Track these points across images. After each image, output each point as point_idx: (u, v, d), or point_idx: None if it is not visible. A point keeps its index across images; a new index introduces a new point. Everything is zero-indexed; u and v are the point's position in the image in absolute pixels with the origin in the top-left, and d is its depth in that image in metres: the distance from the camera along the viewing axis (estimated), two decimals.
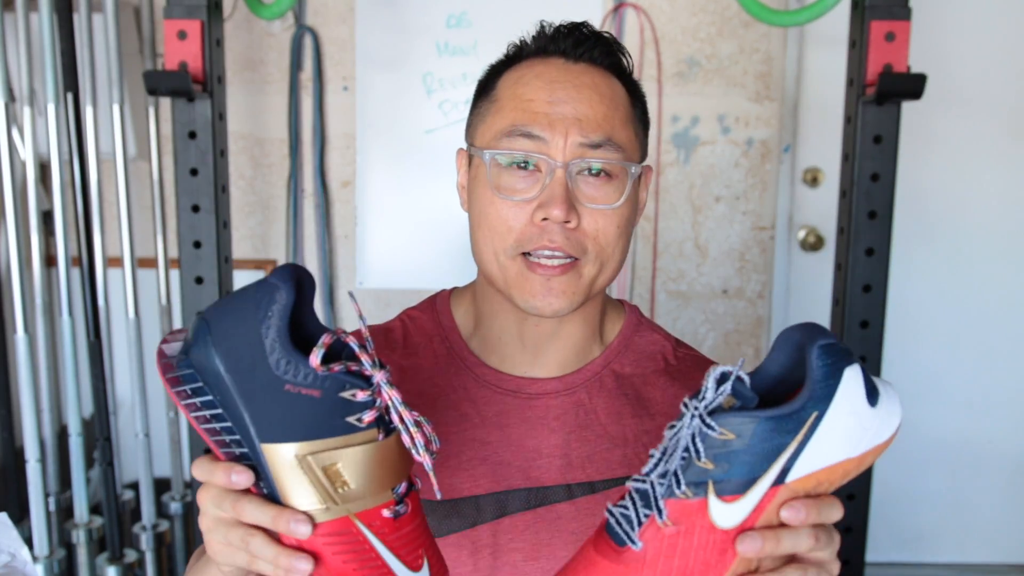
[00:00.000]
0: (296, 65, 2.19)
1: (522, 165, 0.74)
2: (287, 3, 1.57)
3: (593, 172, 0.74)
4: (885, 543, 2.34)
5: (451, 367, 0.84)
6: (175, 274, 1.89)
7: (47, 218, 1.96)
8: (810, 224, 2.25)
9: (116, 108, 1.84)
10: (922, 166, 2.17)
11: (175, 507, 1.98)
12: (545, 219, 0.72)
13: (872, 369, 1.51)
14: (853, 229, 1.49)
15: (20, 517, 1.93)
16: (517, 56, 0.80)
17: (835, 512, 0.56)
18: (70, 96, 1.63)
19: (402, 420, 0.58)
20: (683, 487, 0.55)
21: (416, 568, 0.59)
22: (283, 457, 0.55)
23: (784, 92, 2.19)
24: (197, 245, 1.54)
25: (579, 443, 0.80)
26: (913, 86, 1.41)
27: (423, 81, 2.16)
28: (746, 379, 0.57)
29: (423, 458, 0.59)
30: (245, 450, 0.56)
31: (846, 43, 1.54)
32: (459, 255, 2.16)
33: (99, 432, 1.73)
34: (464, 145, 0.84)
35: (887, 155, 1.47)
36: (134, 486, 1.98)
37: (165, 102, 1.96)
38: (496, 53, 0.84)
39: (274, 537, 0.57)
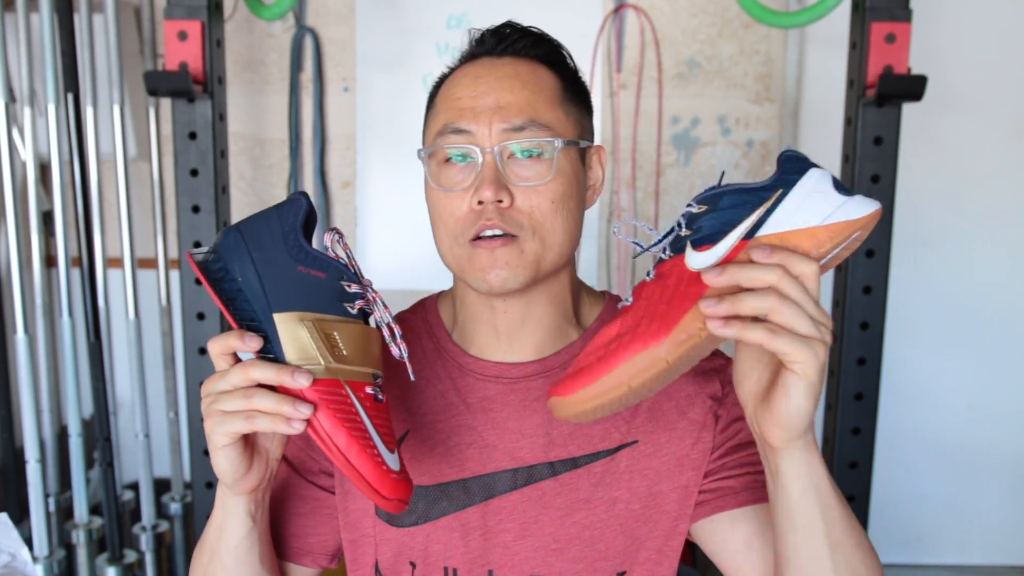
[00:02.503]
0: (296, 66, 2.19)
1: (459, 159, 0.78)
2: (287, 4, 1.57)
3: (522, 155, 0.77)
4: (885, 544, 2.34)
5: (438, 360, 0.87)
6: (175, 275, 1.90)
7: (47, 218, 1.96)
8: None
9: (116, 108, 1.84)
10: (922, 168, 2.17)
11: (175, 508, 1.98)
12: (480, 202, 0.76)
13: (872, 370, 1.51)
14: None
15: (20, 517, 1.93)
16: (454, 68, 0.86)
17: (804, 264, 0.61)
18: (70, 96, 1.63)
19: (385, 320, 0.71)
20: (667, 252, 0.66)
21: (391, 449, 0.68)
22: (292, 320, 0.67)
23: (784, 93, 2.19)
24: (197, 246, 1.54)
25: (560, 422, 0.82)
26: (914, 88, 1.41)
27: (423, 82, 2.16)
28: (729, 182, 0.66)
29: (399, 346, 0.72)
30: (259, 322, 0.68)
31: (847, 44, 1.54)
32: None
33: (99, 432, 1.73)
34: None
35: (887, 156, 1.47)
36: (134, 486, 1.98)
37: (165, 103, 1.96)
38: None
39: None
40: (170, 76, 1.45)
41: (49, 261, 2.11)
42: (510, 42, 0.82)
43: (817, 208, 0.63)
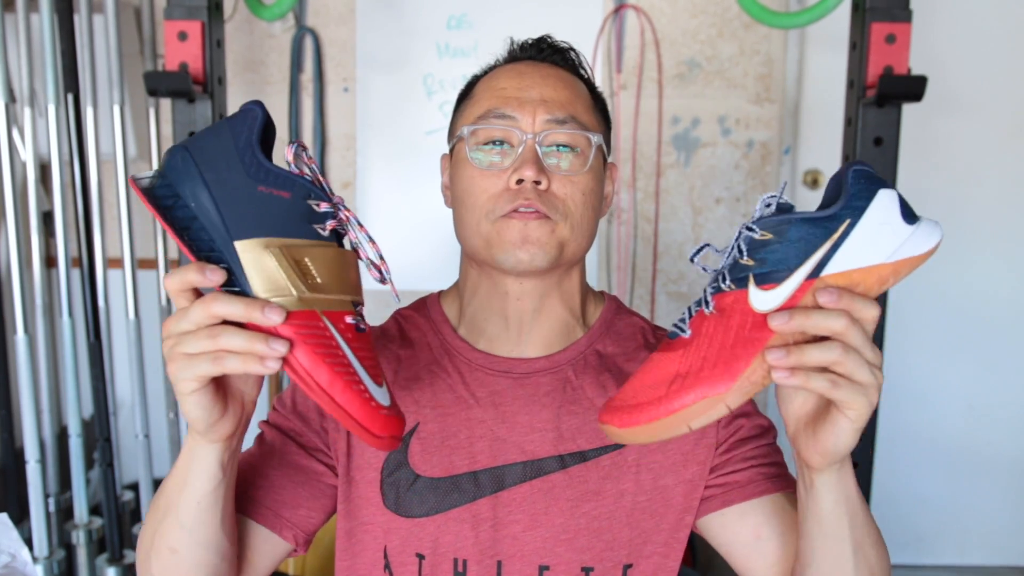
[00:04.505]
0: (296, 66, 2.19)
1: (497, 144, 0.82)
2: (288, 4, 1.57)
3: (560, 148, 0.82)
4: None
5: (445, 355, 0.88)
6: None
7: (47, 219, 1.96)
8: None
9: (116, 109, 1.84)
10: (922, 168, 2.17)
11: None
12: (520, 181, 0.80)
13: None
14: None
15: (20, 518, 1.93)
16: (492, 67, 0.91)
17: (869, 309, 0.61)
18: (70, 97, 1.63)
19: (361, 241, 0.65)
20: (727, 282, 0.64)
21: (379, 383, 0.63)
22: (257, 248, 0.61)
23: (784, 94, 2.19)
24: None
25: (569, 416, 0.85)
26: (914, 88, 1.41)
27: (423, 82, 2.16)
28: (788, 199, 0.64)
29: (381, 268, 0.66)
30: (219, 252, 0.61)
31: (847, 45, 1.54)
32: (458, 256, 2.16)
33: (99, 433, 1.73)
34: (447, 152, 0.92)
35: (887, 157, 1.47)
36: (134, 487, 1.98)
37: (165, 103, 1.96)
38: (496, 55, 0.91)
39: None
40: (170, 76, 1.45)
41: (49, 261, 2.11)
42: (549, 53, 0.88)
43: (885, 243, 0.61)
